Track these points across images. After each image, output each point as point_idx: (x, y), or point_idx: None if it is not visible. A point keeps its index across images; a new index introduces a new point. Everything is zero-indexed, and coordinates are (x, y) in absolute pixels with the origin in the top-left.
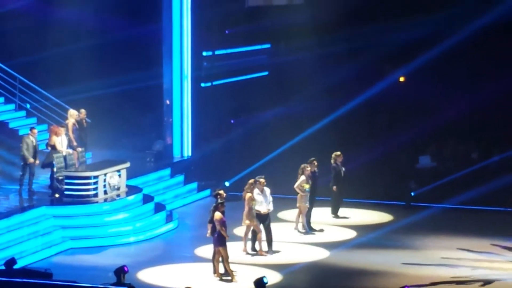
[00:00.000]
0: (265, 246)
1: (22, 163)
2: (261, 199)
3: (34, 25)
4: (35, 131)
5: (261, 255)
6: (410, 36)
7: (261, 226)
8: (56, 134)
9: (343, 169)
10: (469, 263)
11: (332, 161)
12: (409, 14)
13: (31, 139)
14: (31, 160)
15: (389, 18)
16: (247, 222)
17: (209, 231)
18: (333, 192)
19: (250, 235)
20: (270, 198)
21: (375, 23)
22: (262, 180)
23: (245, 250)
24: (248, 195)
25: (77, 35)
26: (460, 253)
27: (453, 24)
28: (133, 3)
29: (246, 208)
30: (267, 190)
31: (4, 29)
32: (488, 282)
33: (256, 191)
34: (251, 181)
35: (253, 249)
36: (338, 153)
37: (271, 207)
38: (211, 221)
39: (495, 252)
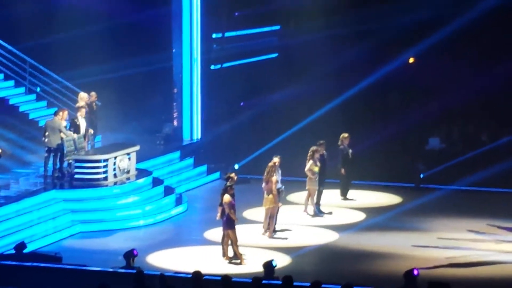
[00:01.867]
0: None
1: (55, 147)
2: (278, 178)
3: (44, 8)
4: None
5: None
6: (420, 17)
7: None
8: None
9: (350, 150)
10: (479, 244)
11: (339, 142)
12: None
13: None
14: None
15: None
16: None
17: (219, 214)
18: (342, 174)
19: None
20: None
21: (385, 3)
22: (277, 160)
23: (270, 234)
24: (274, 178)
25: (87, 18)
26: (470, 234)
27: (463, 4)
28: None
29: (275, 192)
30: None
31: (14, 12)
32: (497, 263)
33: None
34: (271, 163)
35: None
36: (346, 135)
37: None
38: (222, 204)
39: (504, 234)
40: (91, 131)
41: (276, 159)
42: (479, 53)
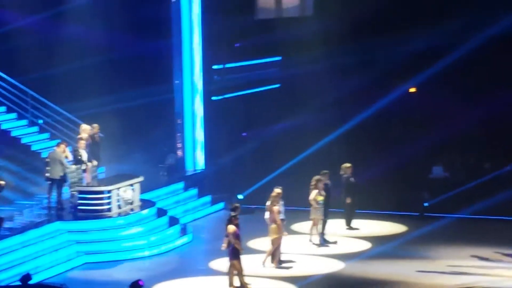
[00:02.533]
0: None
1: (58, 179)
2: (281, 209)
3: (45, 41)
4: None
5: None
6: (421, 47)
7: None
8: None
9: (353, 180)
10: (485, 271)
11: (342, 172)
12: (419, 25)
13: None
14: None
15: (399, 30)
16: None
17: (224, 244)
18: (346, 203)
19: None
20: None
21: (385, 34)
22: (279, 190)
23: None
24: (276, 208)
25: (88, 51)
26: (476, 262)
27: (464, 34)
28: (143, 18)
29: (279, 222)
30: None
31: (16, 45)
32: None
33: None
34: (274, 193)
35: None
36: (348, 164)
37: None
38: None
39: (510, 262)
40: (94, 162)
41: (278, 190)
42: (481, 82)
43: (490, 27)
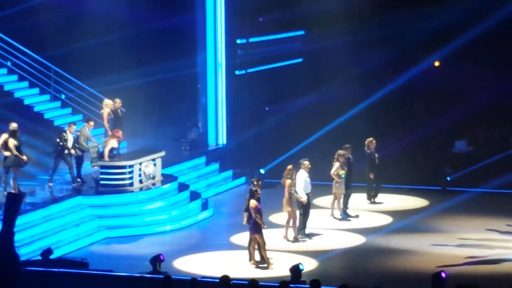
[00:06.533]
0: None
1: (77, 154)
2: (308, 181)
3: (68, 16)
4: (92, 123)
5: (298, 241)
6: (444, 21)
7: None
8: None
9: (377, 155)
10: (508, 245)
11: (366, 147)
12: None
13: (88, 131)
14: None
15: (423, 4)
16: (289, 209)
17: (245, 219)
18: (369, 178)
19: (291, 223)
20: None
21: (409, 8)
22: (306, 162)
23: (286, 237)
24: (288, 181)
25: (110, 26)
26: (498, 235)
27: (488, 7)
28: None
29: (287, 195)
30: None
31: (39, 21)
32: None
33: (305, 174)
34: (289, 167)
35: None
36: (371, 139)
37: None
38: (247, 209)
39: None
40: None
41: (306, 162)
42: (505, 55)
43: None
